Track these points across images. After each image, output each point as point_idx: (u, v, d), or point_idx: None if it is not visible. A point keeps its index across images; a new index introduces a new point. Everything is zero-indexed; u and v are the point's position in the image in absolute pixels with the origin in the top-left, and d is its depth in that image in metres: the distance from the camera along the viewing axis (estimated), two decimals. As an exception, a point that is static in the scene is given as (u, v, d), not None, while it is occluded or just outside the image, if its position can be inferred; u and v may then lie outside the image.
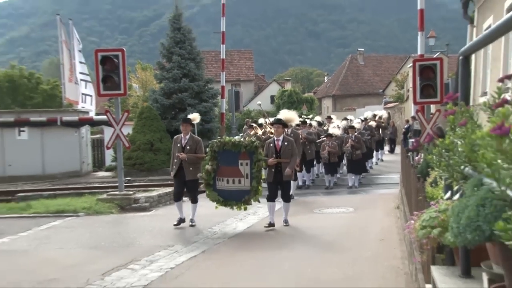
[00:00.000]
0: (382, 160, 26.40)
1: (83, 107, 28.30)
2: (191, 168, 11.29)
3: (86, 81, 27.73)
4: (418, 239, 3.40)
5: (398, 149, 28.92)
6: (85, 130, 28.70)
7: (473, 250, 3.02)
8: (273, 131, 14.27)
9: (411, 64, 16.85)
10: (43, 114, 28.67)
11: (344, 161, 19.50)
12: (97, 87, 14.23)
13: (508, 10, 12.23)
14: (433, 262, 3.82)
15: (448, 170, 2.95)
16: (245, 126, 22.46)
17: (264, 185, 11.60)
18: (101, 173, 28.91)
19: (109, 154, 27.98)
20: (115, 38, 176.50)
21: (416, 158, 11.87)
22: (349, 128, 18.34)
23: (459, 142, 2.78)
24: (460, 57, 3.46)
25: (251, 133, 15.57)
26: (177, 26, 34.76)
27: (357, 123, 20.05)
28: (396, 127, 33.52)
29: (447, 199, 3.43)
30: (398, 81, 50.55)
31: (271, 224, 10.96)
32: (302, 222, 12.52)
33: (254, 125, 16.40)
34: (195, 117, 12.40)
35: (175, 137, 11.92)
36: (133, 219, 11.45)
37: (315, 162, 18.99)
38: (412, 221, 3.60)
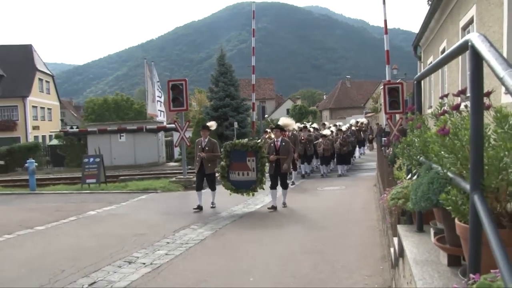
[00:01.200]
0: (364, 154, 26.01)
1: (159, 119, 28.61)
2: (209, 164, 10.34)
3: (160, 101, 27.96)
4: (388, 207, 3.37)
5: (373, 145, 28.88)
6: (160, 134, 29.13)
7: (425, 213, 3.04)
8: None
9: (382, 87, 16.89)
10: (134, 124, 29.12)
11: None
12: (168, 105, 14.26)
13: (442, 52, 12.39)
14: (398, 222, 3.76)
15: (409, 158, 3.05)
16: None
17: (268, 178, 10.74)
18: (171, 163, 29.16)
19: (176, 150, 28.26)
20: (181, 72, 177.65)
21: (387, 151, 11.70)
22: (338, 131, 17.95)
23: (416, 140, 2.86)
24: (415, 82, 3.58)
25: (266, 137, 14.60)
26: (222, 62, 34.88)
27: (344, 127, 19.59)
28: (373, 129, 33.33)
29: (408, 179, 3.40)
30: (374, 98, 50.66)
31: (274, 207, 9.97)
32: (310, 196, 12.46)
33: (268, 130, 15.40)
34: (212, 124, 11.21)
35: (196, 140, 10.96)
36: (193, 195, 11.57)
37: (314, 157, 18.11)
38: (385, 195, 3.59)
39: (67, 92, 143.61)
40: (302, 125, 18.29)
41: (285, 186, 10.45)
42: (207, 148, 10.33)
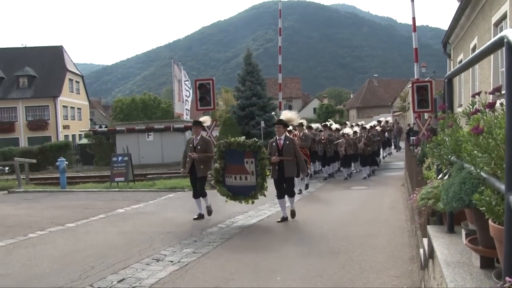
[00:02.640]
0: (390, 154, 24.43)
1: (186, 118, 28.82)
2: (202, 166, 8.98)
3: (187, 101, 28.17)
4: (418, 207, 3.32)
5: (402, 145, 28.25)
6: (188, 133, 29.20)
7: (456, 214, 2.99)
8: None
9: (411, 85, 16.65)
10: (162, 124, 29.45)
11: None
12: (195, 104, 14.37)
13: (473, 49, 12.14)
14: (428, 223, 3.70)
15: (439, 158, 2.97)
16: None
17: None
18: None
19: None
20: (207, 72, 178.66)
21: (416, 150, 11.52)
22: (361, 129, 16.40)
23: (447, 139, 2.79)
24: (446, 80, 3.50)
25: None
26: (248, 62, 35.04)
27: (368, 126, 18.17)
28: (401, 128, 32.66)
29: (439, 179, 3.33)
30: (401, 97, 49.99)
31: (284, 218, 8.60)
32: (338, 195, 12.39)
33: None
34: (205, 119, 9.78)
35: (188, 138, 9.69)
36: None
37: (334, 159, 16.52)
38: (414, 195, 3.54)
39: (96, 92, 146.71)
40: (323, 124, 17.33)
41: (291, 193, 8.81)
42: (199, 148, 9.01)
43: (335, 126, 17.78)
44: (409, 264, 5.52)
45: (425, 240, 3.79)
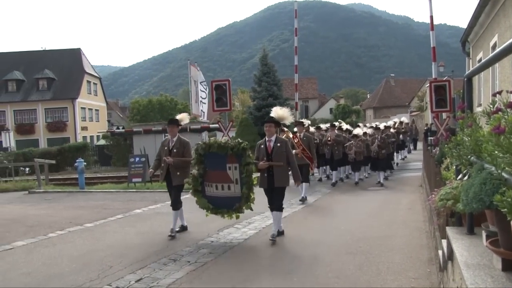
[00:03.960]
0: (404, 158, 22.09)
1: (202, 119, 28.93)
2: (178, 173, 7.65)
3: (203, 102, 28.28)
4: (437, 208, 3.28)
5: (419, 146, 27.89)
6: (204, 134, 29.36)
7: (476, 215, 2.96)
8: (290, 135, 11.36)
9: (428, 85, 16.44)
10: (178, 124, 29.49)
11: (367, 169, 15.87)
12: (212, 105, 14.38)
13: (493, 47, 11.95)
14: (447, 224, 3.65)
15: (459, 158, 2.92)
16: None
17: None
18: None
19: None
20: (223, 73, 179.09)
21: (434, 150, 11.38)
22: (375, 130, 14.80)
23: (466, 139, 2.75)
24: (465, 79, 3.45)
25: (283, 137, 10.76)
26: (264, 62, 35.04)
27: (382, 126, 16.59)
28: (418, 129, 32.20)
29: (458, 179, 3.29)
30: (419, 96, 49.53)
31: (279, 233, 7.34)
32: (353, 196, 12.31)
33: (286, 129, 11.77)
34: (183, 117, 8.30)
35: (163, 139, 8.57)
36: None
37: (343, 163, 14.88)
38: (433, 195, 3.49)
39: (113, 94, 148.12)
40: (331, 123, 16.08)
41: (277, 207, 7.25)
42: (175, 151, 7.72)
43: (345, 126, 16.51)
44: (428, 266, 5.46)
45: (444, 242, 3.75)
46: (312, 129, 15.33)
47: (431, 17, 17.40)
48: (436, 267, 5.07)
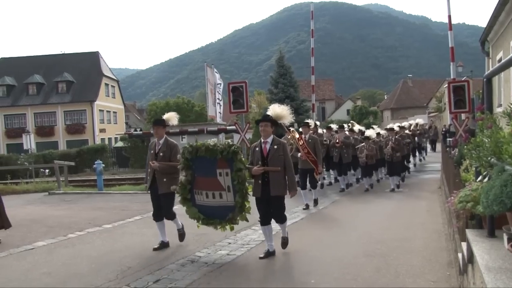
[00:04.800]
0: (422, 160, 21.30)
1: (219, 121, 29.04)
2: (164, 179, 6.80)
3: (220, 104, 28.39)
4: (456, 210, 3.24)
5: (437, 147, 27.56)
6: (221, 136, 29.45)
7: (497, 218, 2.92)
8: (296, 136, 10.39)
9: (447, 85, 16.25)
10: (195, 126, 29.67)
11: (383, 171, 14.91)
12: (229, 107, 14.44)
13: None
14: (466, 227, 3.60)
15: (478, 160, 2.88)
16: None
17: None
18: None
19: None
20: (240, 75, 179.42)
21: (453, 152, 11.23)
22: (389, 131, 13.74)
23: (486, 140, 2.71)
24: (485, 79, 3.39)
25: (289, 137, 10.42)
26: (281, 64, 35.07)
27: (396, 126, 15.30)
28: (437, 130, 31.77)
29: (478, 181, 3.25)
30: (437, 97, 49.03)
31: (269, 253, 6.29)
32: (373, 198, 12.22)
33: (292, 129, 10.64)
34: (169, 117, 7.40)
35: (150, 142, 7.50)
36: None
37: (351, 167, 13.92)
38: (452, 197, 3.45)
39: (131, 96, 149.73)
40: (339, 125, 15.35)
41: (280, 219, 6.43)
42: (161, 154, 6.88)
43: (358, 127, 15.64)
44: (447, 269, 5.39)
45: (464, 245, 3.70)
46: (320, 130, 14.56)
47: (449, 17, 17.23)
48: (456, 270, 5.01)
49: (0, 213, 8.00)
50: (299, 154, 10.25)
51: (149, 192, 7.16)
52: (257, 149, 6.41)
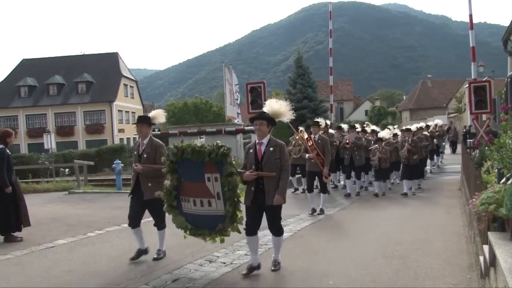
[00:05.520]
0: (439, 166, 19.63)
1: (237, 121, 29.08)
2: (149, 184, 6.09)
3: (238, 104, 28.45)
4: (478, 212, 3.19)
5: (458, 148, 27.16)
6: (239, 136, 29.45)
7: None
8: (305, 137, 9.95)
9: (467, 85, 16.05)
10: (214, 127, 29.68)
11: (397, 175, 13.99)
12: (247, 107, 14.46)
13: None
14: (488, 229, 3.55)
15: (501, 161, 2.84)
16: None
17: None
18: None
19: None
20: (258, 75, 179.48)
21: (473, 153, 11.06)
22: (405, 132, 12.89)
23: (510, 141, 2.68)
24: (508, 79, 3.35)
25: (297, 138, 9.86)
26: (299, 64, 35.04)
27: (413, 127, 14.12)
28: (457, 131, 31.29)
29: (501, 183, 3.20)
30: (457, 98, 48.41)
31: (252, 268, 5.55)
32: (391, 199, 12.12)
33: (301, 129, 10.24)
34: (155, 114, 6.54)
35: (135, 142, 6.13)
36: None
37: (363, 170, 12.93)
38: (474, 199, 3.40)
39: (149, 96, 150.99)
40: (350, 125, 14.17)
41: (276, 231, 5.66)
42: (145, 156, 6.20)
43: (371, 128, 14.52)
44: (468, 272, 5.32)
45: (485, 247, 3.65)
46: (331, 130, 13.66)
47: (471, 16, 16.98)
48: (477, 273, 4.94)
49: (22, 211, 8.14)
50: (307, 155, 9.74)
51: (130, 196, 6.42)
52: (251, 151, 5.62)
